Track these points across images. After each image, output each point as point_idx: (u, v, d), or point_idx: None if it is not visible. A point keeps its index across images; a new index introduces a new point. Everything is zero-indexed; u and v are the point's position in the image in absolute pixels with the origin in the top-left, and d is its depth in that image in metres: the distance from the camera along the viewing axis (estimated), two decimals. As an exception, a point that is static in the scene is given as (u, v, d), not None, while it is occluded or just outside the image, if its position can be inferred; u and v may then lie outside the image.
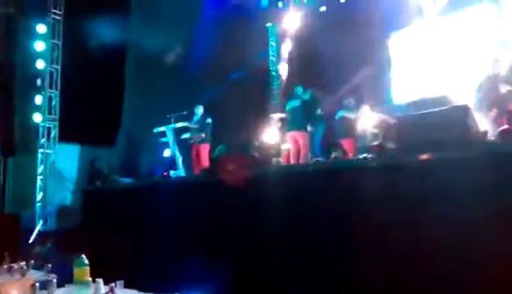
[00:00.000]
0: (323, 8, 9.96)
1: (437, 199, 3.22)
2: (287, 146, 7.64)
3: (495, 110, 5.50)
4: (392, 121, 5.31)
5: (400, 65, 9.08)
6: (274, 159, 5.62)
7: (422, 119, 4.02)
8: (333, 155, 5.19)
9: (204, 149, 7.46)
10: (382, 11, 9.11)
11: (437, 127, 3.71)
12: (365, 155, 4.20)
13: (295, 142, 7.31)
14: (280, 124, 8.15)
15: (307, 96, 7.48)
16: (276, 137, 7.39)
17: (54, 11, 8.48)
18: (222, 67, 8.69)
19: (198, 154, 7.47)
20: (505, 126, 4.07)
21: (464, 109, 3.76)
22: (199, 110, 7.73)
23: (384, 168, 3.75)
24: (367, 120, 7.28)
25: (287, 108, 7.59)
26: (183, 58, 8.88)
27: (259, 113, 8.47)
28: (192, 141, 7.49)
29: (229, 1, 9.54)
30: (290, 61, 10.21)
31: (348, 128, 7.20)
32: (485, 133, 4.05)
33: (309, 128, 7.40)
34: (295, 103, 7.41)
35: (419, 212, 3.29)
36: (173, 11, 8.91)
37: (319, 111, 7.50)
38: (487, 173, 3.12)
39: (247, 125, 7.36)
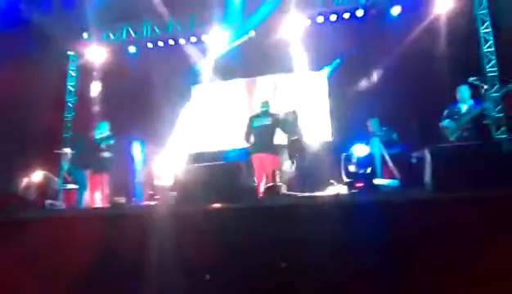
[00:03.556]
0: (132, 49, 9.87)
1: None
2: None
3: None
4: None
5: (196, 117, 9.69)
6: (47, 202, 5.02)
7: (201, 172, 4.23)
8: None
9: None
10: (188, 64, 9.66)
11: (213, 180, 3.97)
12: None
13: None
14: (69, 160, 7.38)
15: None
16: (56, 176, 6.62)
17: None
18: (7, 89, 7.51)
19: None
20: (270, 184, 4.63)
21: (237, 166, 4.13)
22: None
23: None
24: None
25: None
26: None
27: (44, 147, 7.52)
28: None
29: (25, 19, 8.54)
30: (94, 96, 9.73)
31: None
32: (254, 189, 4.52)
33: None
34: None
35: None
36: None
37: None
38: (253, 225, 3.40)
39: (22, 160, 6.39)
